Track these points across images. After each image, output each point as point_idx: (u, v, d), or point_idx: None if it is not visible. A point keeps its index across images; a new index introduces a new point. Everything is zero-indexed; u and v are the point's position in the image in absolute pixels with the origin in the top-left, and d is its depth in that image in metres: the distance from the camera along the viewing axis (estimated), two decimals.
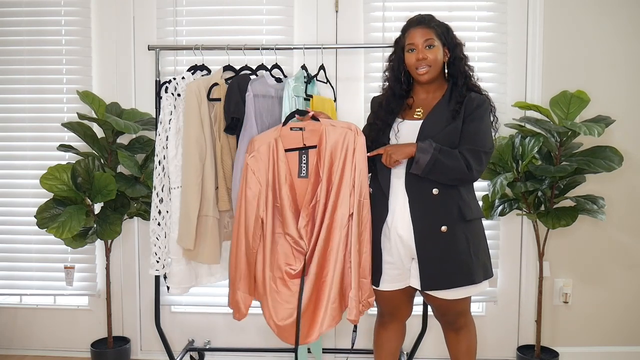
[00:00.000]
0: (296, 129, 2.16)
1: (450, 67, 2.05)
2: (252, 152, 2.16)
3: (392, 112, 2.09)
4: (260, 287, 2.16)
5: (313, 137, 2.15)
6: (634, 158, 2.79)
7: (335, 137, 2.11)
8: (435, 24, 2.03)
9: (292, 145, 2.17)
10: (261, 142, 2.16)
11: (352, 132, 2.10)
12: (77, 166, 2.63)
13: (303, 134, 2.16)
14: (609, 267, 2.90)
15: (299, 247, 2.12)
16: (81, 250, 2.80)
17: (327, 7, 2.84)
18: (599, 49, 2.81)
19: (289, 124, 2.18)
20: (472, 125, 1.97)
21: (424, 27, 2.01)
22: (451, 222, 1.98)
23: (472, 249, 2.00)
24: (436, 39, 2.01)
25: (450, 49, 2.04)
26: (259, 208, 2.14)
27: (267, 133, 2.21)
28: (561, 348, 2.84)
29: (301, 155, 2.16)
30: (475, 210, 2.05)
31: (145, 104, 2.88)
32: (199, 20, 2.89)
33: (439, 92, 2.07)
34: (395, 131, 2.06)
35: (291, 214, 2.12)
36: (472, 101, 1.99)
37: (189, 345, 2.94)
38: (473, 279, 2.00)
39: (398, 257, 2.05)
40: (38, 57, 2.94)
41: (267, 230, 2.14)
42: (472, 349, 2.19)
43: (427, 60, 2.00)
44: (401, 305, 2.18)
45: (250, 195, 2.14)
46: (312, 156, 2.15)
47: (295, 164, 2.16)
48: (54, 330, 3.05)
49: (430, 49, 2.00)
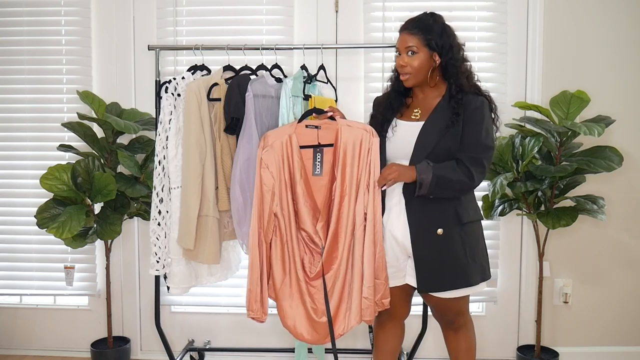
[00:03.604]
0: (312, 127, 2.16)
1: (445, 70, 2.02)
2: (266, 146, 2.14)
3: (392, 107, 2.09)
4: (278, 287, 2.15)
5: (328, 135, 2.15)
6: (634, 158, 2.79)
7: (351, 137, 2.11)
8: (425, 28, 1.98)
9: (307, 142, 2.16)
10: (275, 137, 2.15)
11: (367, 133, 2.10)
12: (77, 166, 2.63)
13: (319, 132, 2.15)
14: (609, 267, 2.90)
15: (313, 244, 2.11)
16: (81, 250, 2.80)
17: (327, 7, 2.84)
18: (599, 49, 2.81)
19: (304, 121, 2.17)
20: (471, 130, 1.96)
21: (408, 33, 1.99)
22: (447, 224, 1.98)
23: (469, 251, 2.00)
24: (421, 45, 1.97)
25: (441, 54, 1.99)
26: (273, 202, 2.13)
27: (281, 128, 2.20)
28: (561, 348, 2.84)
29: (316, 153, 2.16)
30: (472, 213, 2.05)
31: (145, 104, 2.88)
32: (199, 20, 2.89)
33: (437, 93, 2.05)
34: (393, 126, 2.06)
35: (307, 210, 2.11)
36: (470, 103, 1.98)
37: (189, 345, 2.94)
38: (469, 282, 2.01)
39: (393, 256, 2.06)
40: (38, 57, 2.94)
41: (283, 227, 2.13)
42: (472, 348, 2.19)
43: (405, 68, 2.00)
44: (398, 303, 2.18)
45: (265, 190, 2.12)
46: (326, 155, 2.15)
47: (309, 161, 2.16)
48: (54, 330, 3.05)
49: (412, 55, 1.99)
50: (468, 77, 2.03)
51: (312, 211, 2.13)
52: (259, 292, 2.14)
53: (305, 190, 2.13)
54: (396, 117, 2.09)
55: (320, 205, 2.13)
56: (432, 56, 1.99)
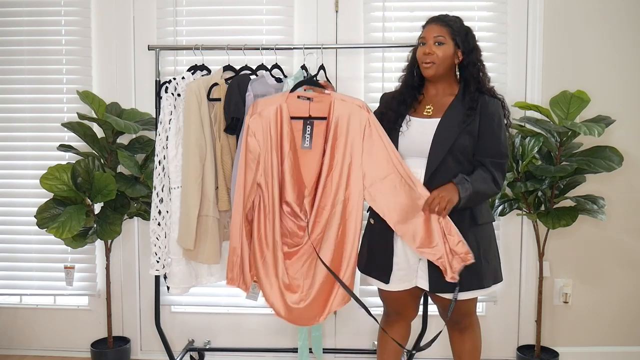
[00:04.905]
0: (304, 98, 2.11)
1: (464, 70, 2.03)
2: (254, 114, 2.10)
3: (404, 103, 2.08)
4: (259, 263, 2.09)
5: (320, 108, 2.11)
6: (634, 158, 2.79)
7: (344, 112, 2.07)
8: (453, 24, 2.01)
9: (297, 114, 2.11)
10: (265, 106, 2.11)
11: (361, 108, 2.07)
12: (77, 166, 2.63)
13: (310, 104, 2.11)
14: (609, 267, 2.90)
15: (296, 217, 2.07)
16: (81, 250, 2.80)
17: (327, 7, 2.84)
18: (599, 49, 2.81)
19: (296, 91, 2.14)
20: (492, 134, 1.97)
21: (439, 24, 2.01)
22: (462, 225, 1.97)
23: (483, 253, 2.00)
24: (448, 38, 1.99)
25: (465, 52, 2.01)
26: (257, 172, 2.09)
27: (272, 97, 2.15)
28: (561, 348, 2.84)
29: (305, 125, 2.11)
30: (486, 214, 2.05)
31: (145, 104, 2.88)
32: (199, 20, 2.88)
33: (449, 91, 2.05)
34: (407, 122, 2.05)
35: (292, 182, 2.07)
36: (487, 105, 1.99)
37: (189, 345, 2.94)
38: (482, 284, 2.01)
39: (404, 258, 2.05)
40: (38, 57, 2.94)
41: (266, 198, 2.08)
42: (477, 349, 2.18)
43: (432, 56, 1.99)
44: (408, 305, 2.18)
45: (250, 159, 2.08)
46: (317, 127, 2.11)
47: (299, 133, 2.11)
48: (54, 330, 3.05)
49: (439, 45, 1.99)
50: (487, 80, 2.06)
51: (297, 184, 2.08)
52: (238, 259, 2.11)
53: (292, 162, 2.08)
54: (408, 113, 2.08)
55: (307, 180, 2.08)
56: (456, 52, 2.01)
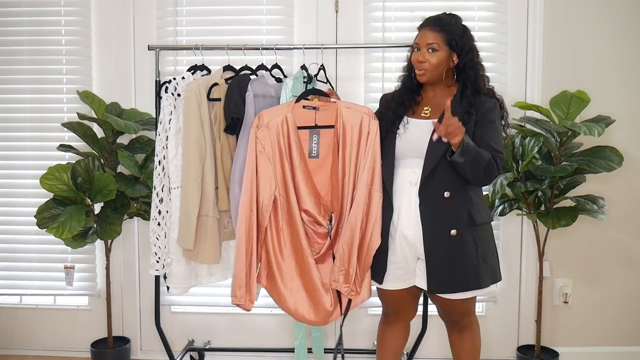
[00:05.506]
0: (309, 108, 2.12)
1: (461, 71, 2.03)
2: (261, 126, 2.10)
3: (403, 104, 2.08)
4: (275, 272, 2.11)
5: (327, 117, 2.12)
6: (634, 158, 2.79)
7: (351, 119, 2.08)
8: (448, 27, 1.99)
9: (304, 123, 2.12)
10: (271, 117, 2.11)
11: (367, 115, 2.08)
12: (77, 166, 2.63)
13: (316, 114, 2.12)
14: (609, 267, 2.90)
15: (317, 224, 2.09)
16: (81, 250, 2.80)
17: (327, 7, 2.84)
18: (599, 49, 2.81)
19: (302, 101, 2.14)
20: (487, 130, 1.97)
21: (432, 30, 1.99)
22: (461, 226, 1.97)
23: (481, 253, 2.00)
24: (442, 44, 1.98)
25: (460, 55, 2.00)
26: (272, 186, 2.09)
27: (276, 108, 2.16)
28: (561, 348, 2.84)
29: (312, 135, 2.13)
30: (484, 214, 2.05)
31: (145, 104, 2.88)
32: (199, 20, 2.89)
33: (448, 92, 2.05)
34: (405, 123, 2.05)
35: (307, 190, 2.09)
36: (483, 104, 1.99)
37: (189, 345, 2.94)
38: (480, 284, 2.01)
39: (402, 257, 2.05)
40: (38, 57, 2.94)
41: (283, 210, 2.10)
42: (476, 349, 2.18)
43: (424, 64, 2.00)
44: (406, 305, 2.18)
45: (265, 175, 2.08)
46: (323, 136, 2.12)
47: (305, 142, 2.13)
48: (54, 330, 3.05)
49: (432, 52, 1.99)
50: (484, 80, 2.05)
51: (312, 192, 2.10)
52: (244, 278, 2.10)
53: (304, 171, 2.10)
54: (407, 115, 2.08)
55: (320, 187, 2.10)
56: (451, 56, 2.01)
